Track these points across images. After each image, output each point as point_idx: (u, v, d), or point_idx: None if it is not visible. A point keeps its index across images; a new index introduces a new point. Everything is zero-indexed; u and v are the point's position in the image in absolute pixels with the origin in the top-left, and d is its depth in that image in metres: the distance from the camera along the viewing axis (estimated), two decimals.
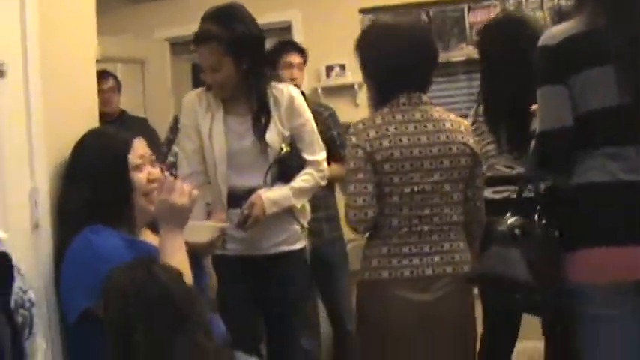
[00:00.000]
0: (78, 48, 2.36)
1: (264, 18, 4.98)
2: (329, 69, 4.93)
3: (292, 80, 3.77)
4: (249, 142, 2.78)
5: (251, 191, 2.75)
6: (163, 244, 1.97)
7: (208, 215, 2.79)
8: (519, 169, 2.70)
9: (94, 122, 2.40)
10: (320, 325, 4.18)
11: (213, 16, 2.75)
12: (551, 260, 2.16)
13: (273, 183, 2.79)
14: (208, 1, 2.85)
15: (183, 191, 1.99)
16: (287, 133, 2.81)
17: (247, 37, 2.73)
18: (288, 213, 2.84)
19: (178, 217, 1.99)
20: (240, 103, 2.83)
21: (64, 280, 1.99)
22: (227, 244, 2.76)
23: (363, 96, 4.91)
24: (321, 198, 3.49)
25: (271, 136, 2.77)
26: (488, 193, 2.71)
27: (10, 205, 1.92)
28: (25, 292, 1.43)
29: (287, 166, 2.80)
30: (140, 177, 2.11)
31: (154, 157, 2.19)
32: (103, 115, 4.18)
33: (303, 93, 3.79)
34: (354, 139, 2.34)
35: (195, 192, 2.03)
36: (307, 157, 2.87)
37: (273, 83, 2.84)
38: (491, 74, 2.88)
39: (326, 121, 3.84)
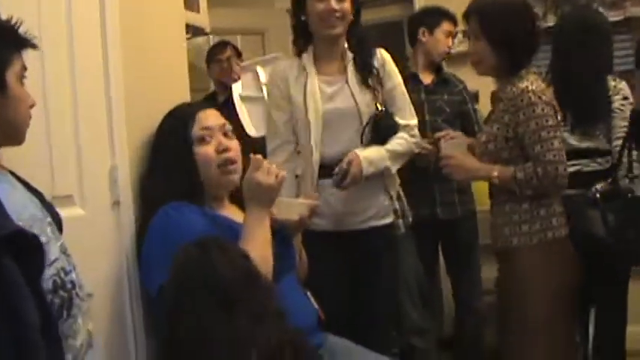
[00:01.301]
0: (164, 20, 2.36)
1: None
2: None
3: (449, 48, 3.79)
4: (342, 104, 2.73)
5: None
6: (246, 223, 1.96)
7: (298, 188, 2.75)
8: (587, 143, 3.01)
9: (183, 98, 2.39)
10: (443, 303, 4.02)
11: None
12: (630, 221, 2.57)
13: (367, 145, 2.73)
14: None
15: (269, 171, 1.96)
16: (380, 96, 2.77)
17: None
18: (379, 182, 2.77)
19: (264, 196, 1.97)
20: (332, 61, 2.79)
21: (144, 256, 2.03)
22: (316, 219, 2.71)
23: None
24: None
25: (365, 97, 2.75)
26: None
27: (90, 183, 1.96)
28: (67, 273, 1.43)
29: (382, 127, 2.74)
30: (205, 149, 2.10)
31: (228, 127, 2.17)
32: (226, 87, 4.28)
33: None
34: (544, 97, 2.35)
35: (282, 173, 2.00)
36: (400, 120, 2.80)
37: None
38: (561, 60, 3.09)
39: (461, 92, 3.75)
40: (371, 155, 2.69)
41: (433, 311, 3.79)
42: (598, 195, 2.67)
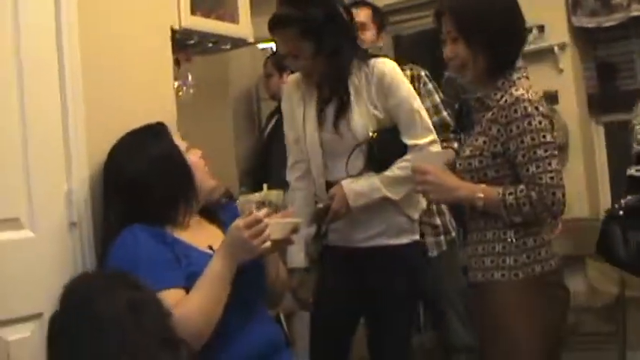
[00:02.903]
0: (135, 28, 2.27)
1: None
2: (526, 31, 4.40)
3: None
4: (340, 130, 2.54)
5: None
6: (212, 270, 1.89)
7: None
8: None
9: (165, 115, 2.33)
10: None
11: None
12: None
13: (362, 173, 2.52)
14: None
15: (259, 235, 1.88)
16: (381, 115, 2.50)
17: (325, 19, 2.48)
18: (392, 203, 2.53)
19: (242, 253, 1.90)
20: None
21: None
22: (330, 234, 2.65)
23: (566, 60, 4.35)
24: None
25: (356, 121, 2.51)
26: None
27: (41, 205, 1.96)
28: None
29: (375, 154, 2.50)
30: (193, 158, 2.10)
31: None
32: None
33: None
34: (542, 109, 2.04)
35: (268, 244, 1.90)
36: (407, 140, 2.51)
37: (367, 61, 2.54)
38: None
39: None
40: (360, 187, 2.49)
41: None
42: (622, 212, 2.37)
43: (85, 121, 2.08)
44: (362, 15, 3.46)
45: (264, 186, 3.39)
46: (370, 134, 2.49)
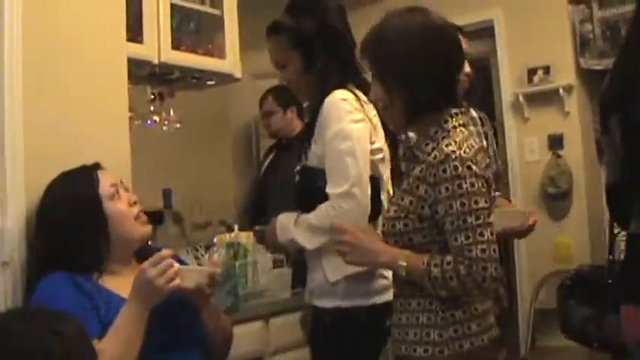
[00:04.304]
0: (84, 62, 2.20)
1: (463, 19, 4.55)
2: (531, 72, 4.28)
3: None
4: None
5: None
6: (123, 318, 1.80)
7: None
8: None
9: (116, 152, 2.25)
10: None
11: (286, 6, 2.44)
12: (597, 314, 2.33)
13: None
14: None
15: (164, 273, 1.78)
16: (319, 152, 2.28)
17: (316, 32, 2.33)
18: (315, 257, 2.30)
19: (149, 296, 1.80)
20: None
21: None
22: None
23: (572, 103, 4.19)
24: None
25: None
26: None
27: None
28: None
29: (296, 190, 2.37)
30: (119, 206, 1.98)
31: (123, 183, 2.05)
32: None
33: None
34: (475, 168, 1.78)
35: (177, 282, 1.79)
36: (327, 187, 2.23)
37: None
38: None
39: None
40: (284, 221, 2.33)
41: None
42: (569, 282, 2.27)
43: (24, 154, 2.00)
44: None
45: (235, 227, 3.33)
46: (298, 168, 2.38)
